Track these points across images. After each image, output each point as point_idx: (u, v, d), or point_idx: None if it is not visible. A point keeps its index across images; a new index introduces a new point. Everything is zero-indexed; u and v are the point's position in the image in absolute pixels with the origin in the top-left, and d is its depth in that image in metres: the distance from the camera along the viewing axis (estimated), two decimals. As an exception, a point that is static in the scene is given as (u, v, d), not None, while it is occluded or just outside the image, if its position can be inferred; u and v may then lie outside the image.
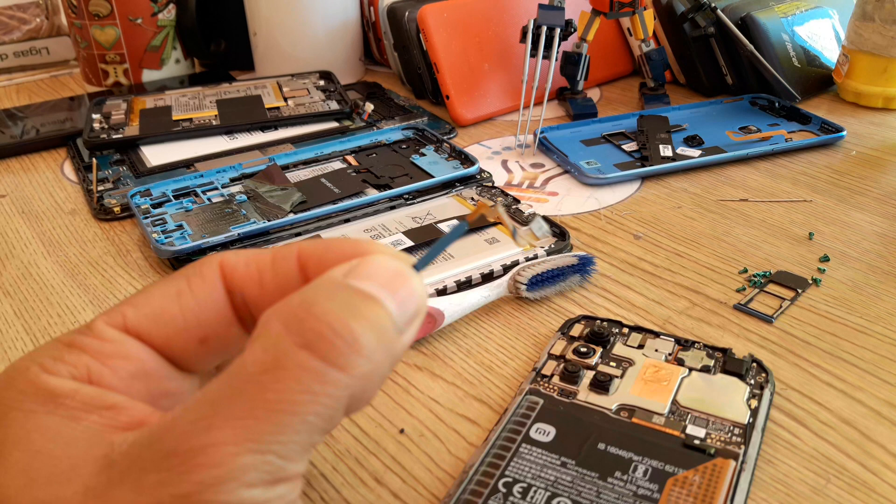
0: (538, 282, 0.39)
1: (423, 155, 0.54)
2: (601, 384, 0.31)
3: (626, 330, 0.35)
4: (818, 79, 0.66)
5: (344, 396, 0.18)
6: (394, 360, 0.20)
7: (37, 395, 0.19)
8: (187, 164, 0.55)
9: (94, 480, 0.18)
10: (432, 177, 0.50)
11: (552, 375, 0.32)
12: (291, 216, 0.45)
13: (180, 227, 0.45)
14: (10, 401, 0.19)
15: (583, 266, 0.40)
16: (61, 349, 0.20)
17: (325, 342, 0.18)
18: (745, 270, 0.41)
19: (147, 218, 0.46)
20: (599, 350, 0.34)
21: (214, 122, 0.60)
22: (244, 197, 0.48)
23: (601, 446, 0.28)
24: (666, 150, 0.54)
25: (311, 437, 0.18)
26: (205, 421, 0.17)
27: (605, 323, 0.35)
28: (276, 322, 0.19)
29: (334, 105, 0.62)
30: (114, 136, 0.58)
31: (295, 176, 0.52)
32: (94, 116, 0.61)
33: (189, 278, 0.22)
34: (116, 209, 0.49)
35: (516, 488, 0.26)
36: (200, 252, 0.43)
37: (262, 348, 0.18)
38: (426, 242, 0.43)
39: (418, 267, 0.22)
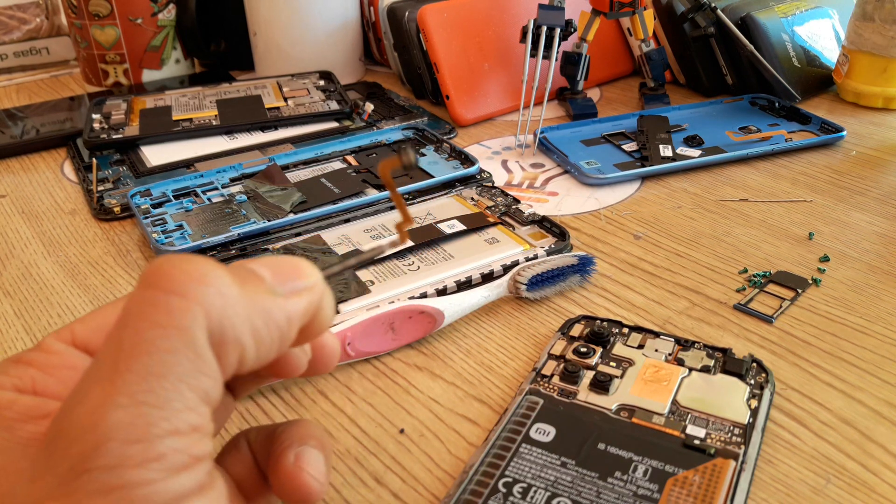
0: (538, 282, 0.39)
1: (423, 155, 0.54)
2: (601, 384, 0.31)
3: (626, 330, 0.35)
4: (818, 79, 0.66)
5: (194, 328, 0.18)
6: (267, 317, 0.20)
7: None
8: (187, 164, 0.55)
9: (15, 486, 0.18)
10: (432, 177, 0.50)
11: (552, 375, 0.32)
12: (291, 216, 0.45)
13: (180, 227, 0.45)
14: None
15: (583, 266, 0.40)
16: (8, 364, 0.21)
17: (165, 276, 0.18)
18: (745, 270, 0.41)
19: (147, 218, 0.46)
20: (599, 350, 0.34)
21: (214, 122, 0.60)
22: (244, 197, 0.48)
23: (601, 446, 0.28)
24: (666, 150, 0.54)
25: (184, 382, 0.18)
26: (77, 394, 0.18)
27: (605, 323, 0.35)
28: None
29: (334, 105, 0.62)
30: (114, 136, 0.58)
31: (295, 176, 0.52)
32: (94, 116, 0.61)
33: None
34: (116, 209, 0.49)
35: (516, 488, 0.26)
36: (200, 252, 0.43)
37: (122, 311, 0.18)
38: (426, 242, 0.43)
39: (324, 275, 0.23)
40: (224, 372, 0.19)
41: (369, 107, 0.63)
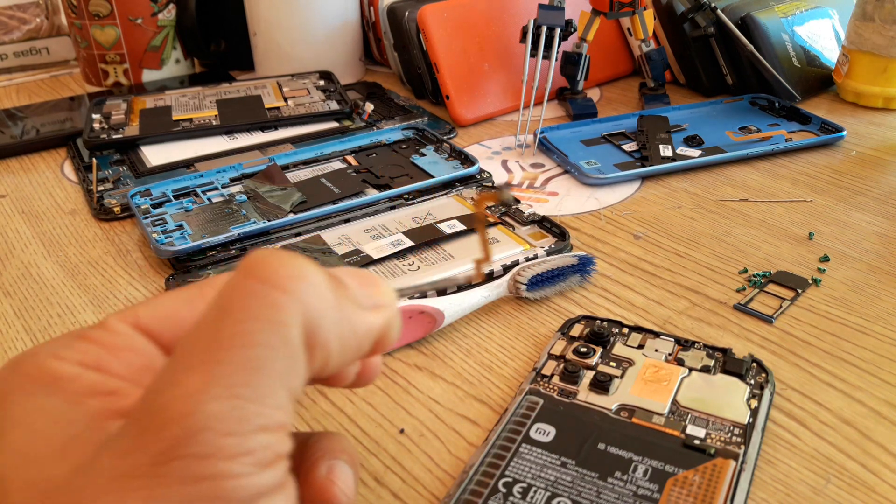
0: (538, 282, 0.39)
1: (423, 155, 0.54)
2: (601, 384, 0.31)
3: (626, 330, 0.35)
4: (818, 79, 0.66)
5: (294, 324, 0.18)
6: (353, 328, 0.20)
7: (41, 378, 0.20)
8: (187, 164, 0.55)
9: (84, 460, 0.18)
10: (432, 177, 0.50)
11: (552, 375, 0.32)
12: (291, 216, 0.45)
13: (180, 227, 0.45)
14: (14, 383, 0.20)
15: (583, 266, 0.40)
16: (72, 340, 0.21)
17: (269, 269, 0.18)
18: (745, 270, 0.41)
19: (147, 218, 0.46)
20: (599, 350, 0.34)
21: (214, 122, 0.60)
22: (244, 197, 0.48)
23: (601, 446, 0.28)
24: (666, 150, 0.54)
25: (278, 379, 0.18)
26: (171, 375, 0.18)
27: (605, 323, 0.35)
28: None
29: (334, 105, 0.62)
30: (114, 136, 0.58)
31: (295, 176, 0.52)
32: (94, 116, 0.61)
33: (202, 288, 0.23)
34: (116, 209, 0.49)
35: (516, 488, 0.26)
36: (200, 252, 0.43)
37: (217, 296, 0.18)
38: (426, 242, 0.43)
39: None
40: (309, 373, 0.19)
41: (369, 107, 0.63)
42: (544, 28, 0.58)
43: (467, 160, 0.52)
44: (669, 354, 0.33)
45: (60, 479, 0.18)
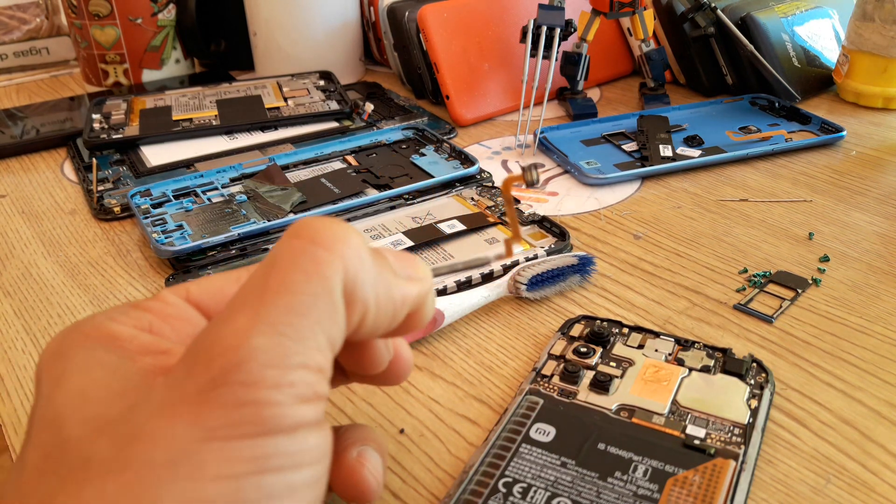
0: (538, 282, 0.39)
1: (423, 155, 0.54)
2: (601, 384, 0.31)
3: (626, 330, 0.35)
4: (818, 79, 0.66)
5: (335, 279, 0.20)
6: (389, 292, 0.22)
7: (99, 336, 0.21)
8: (187, 164, 0.55)
9: (137, 400, 0.19)
10: (432, 177, 0.50)
11: (552, 375, 0.32)
12: (291, 216, 0.45)
13: (180, 227, 0.45)
14: (74, 340, 0.22)
15: (583, 266, 0.40)
16: (127, 308, 0.23)
17: (314, 230, 0.20)
18: (745, 270, 0.41)
19: (147, 218, 0.46)
20: (599, 350, 0.34)
21: (214, 122, 0.60)
22: (244, 197, 0.48)
23: (601, 446, 0.28)
24: (666, 150, 0.54)
25: (319, 325, 0.19)
26: (224, 313, 0.20)
27: (605, 323, 0.35)
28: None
29: (334, 105, 0.62)
30: (114, 136, 0.58)
31: (295, 176, 0.52)
32: (94, 116, 0.61)
33: (249, 269, 0.24)
34: (116, 209, 0.49)
35: (516, 488, 0.26)
36: (200, 252, 0.43)
37: (266, 257, 0.21)
38: (426, 242, 0.43)
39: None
40: (348, 326, 0.21)
41: (369, 107, 0.63)
42: (544, 28, 0.58)
43: (467, 160, 0.52)
44: (669, 354, 0.33)
45: (115, 415, 0.19)
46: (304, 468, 0.19)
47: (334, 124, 0.61)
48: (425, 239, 0.43)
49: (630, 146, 0.56)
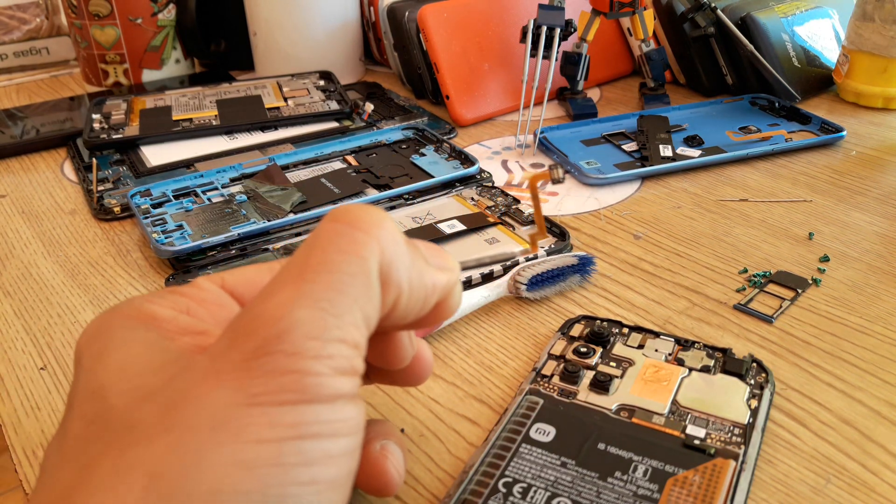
0: (538, 282, 0.39)
1: (423, 155, 0.54)
2: (601, 384, 0.31)
3: (626, 330, 0.35)
4: (818, 79, 0.66)
5: (371, 260, 0.21)
6: (421, 278, 0.23)
7: (139, 317, 0.23)
8: (187, 164, 0.55)
9: (178, 371, 0.20)
10: (432, 177, 0.50)
11: (552, 375, 0.32)
12: (291, 216, 0.45)
13: (180, 227, 0.45)
14: (115, 320, 0.23)
15: (583, 266, 0.40)
16: (165, 293, 0.24)
17: (353, 214, 0.22)
18: (745, 270, 0.41)
19: (147, 218, 0.46)
20: (599, 350, 0.34)
21: (214, 122, 0.60)
22: (244, 197, 0.48)
23: (601, 446, 0.28)
24: (666, 150, 0.54)
25: (356, 302, 0.20)
26: (266, 290, 0.20)
27: (605, 323, 0.35)
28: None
29: (334, 105, 0.62)
30: (114, 136, 0.58)
31: (295, 176, 0.52)
32: (94, 116, 0.61)
33: (281, 261, 0.26)
34: (116, 209, 0.49)
35: (516, 488, 0.26)
36: (200, 252, 0.43)
37: (306, 239, 0.22)
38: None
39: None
40: (383, 307, 0.22)
41: (369, 107, 0.63)
42: (544, 28, 0.58)
43: (467, 160, 0.52)
44: (669, 354, 0.33)
45: (157, 384, 0.20)
46: (340, 437, 0.20)
47: (334, 124, 0.61)
48: (425, 239, 0.43)
49: (630, 146, 0.56)
